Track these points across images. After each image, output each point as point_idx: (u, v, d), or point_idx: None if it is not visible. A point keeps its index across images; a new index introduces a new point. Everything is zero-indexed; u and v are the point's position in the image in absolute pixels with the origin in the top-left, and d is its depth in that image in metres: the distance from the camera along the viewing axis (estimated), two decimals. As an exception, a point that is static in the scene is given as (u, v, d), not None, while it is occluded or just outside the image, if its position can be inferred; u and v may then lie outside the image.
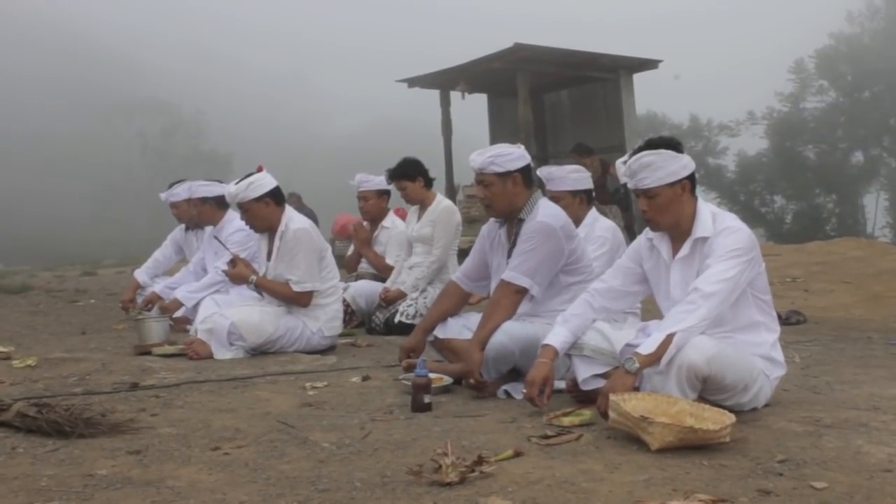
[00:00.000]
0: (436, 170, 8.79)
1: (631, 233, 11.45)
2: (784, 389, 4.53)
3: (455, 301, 5.30)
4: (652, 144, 4.22)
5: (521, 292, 4.75)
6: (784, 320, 7.04)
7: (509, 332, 4.65)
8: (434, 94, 18.31)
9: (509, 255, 4.93)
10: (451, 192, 17.44)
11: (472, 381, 4.68)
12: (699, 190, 4.38)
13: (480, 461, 3.20)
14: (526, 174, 4.97)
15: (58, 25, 60.68)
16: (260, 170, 6.50)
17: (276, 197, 6.40)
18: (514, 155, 4.95)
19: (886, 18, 45.34)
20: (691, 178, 4.22)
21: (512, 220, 4.99)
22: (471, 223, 14.43)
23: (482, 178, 4.95)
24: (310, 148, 54.28)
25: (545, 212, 4.87)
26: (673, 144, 4.22)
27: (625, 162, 4.23)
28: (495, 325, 4.68)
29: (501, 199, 4.93)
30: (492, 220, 5.21)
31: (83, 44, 60.99)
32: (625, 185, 4.42)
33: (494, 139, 18.74)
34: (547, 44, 16.49)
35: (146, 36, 67.78)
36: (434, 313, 5.30)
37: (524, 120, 16.31)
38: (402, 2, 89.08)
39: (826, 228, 42.10)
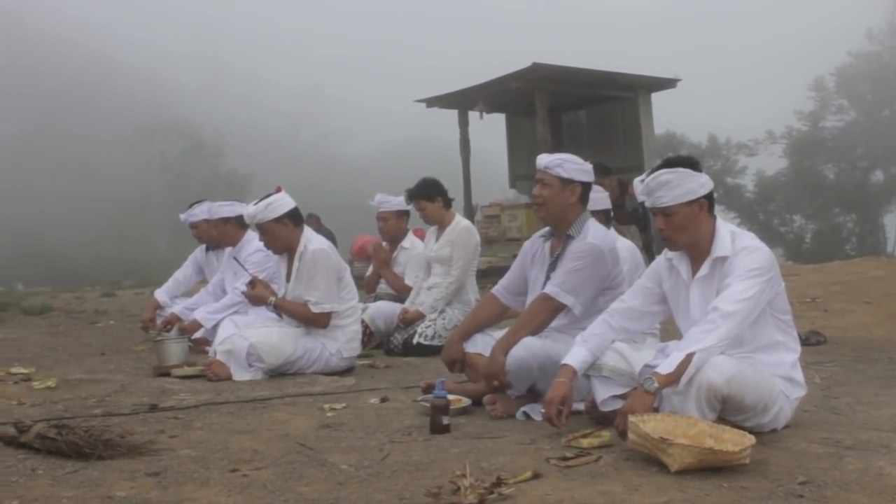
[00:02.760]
0: (454, 189, 8.80)
1: (649, 253, 11.41)
2: (804, 410, 4.50)
3: (492, 313, 5.29)
4: (670, 163, 4.22)
5: (560, 308, 4.75)
6: (804, 341, 7.00)
7: (530, 348, 4.63)
8: (452, 114, 18.32)
9: (550, 270, 4.93)
10: (470, 212, 17.41)
11: (495, 383, 4.67)
12: (718, 209, 4.37)
13: (499, 483, 3.20)
14: (585, 191, 4.99)
15: (80, 45, 61.10)
16: (278, 191, 6.52)
17: (294, 218, 6.41)
18: (583, 168, 4.98)
19: (906, 36, 45.28)
20: (709, 197, 4.21)
21: (560, 234, 4.98)
22: (489, 244, 14.42)
23: (543, 177, 4.96)
24: (328, 168, 54.43)
25: (595, 233, 4.88)
26: (691, 163, 4.22)
27: (642, 180, 4.23)
28: (525, 335, 4.68)
29: (554, 203, 4.93)
30: (536, 235, 5.22)
31: (105, 65, 61.40)
32: (643, 204, 4.40)
33: (512, 158, 18.79)
34: (565, 63, 16.50)
35: (167, 55, 68.25)
36: (471, 322, 5.29)
37: (542, 139, 16.28)
38: (422, 17, 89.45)
39: (846, 248, 41.88)
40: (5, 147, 50.32)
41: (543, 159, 4.98)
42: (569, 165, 4.93)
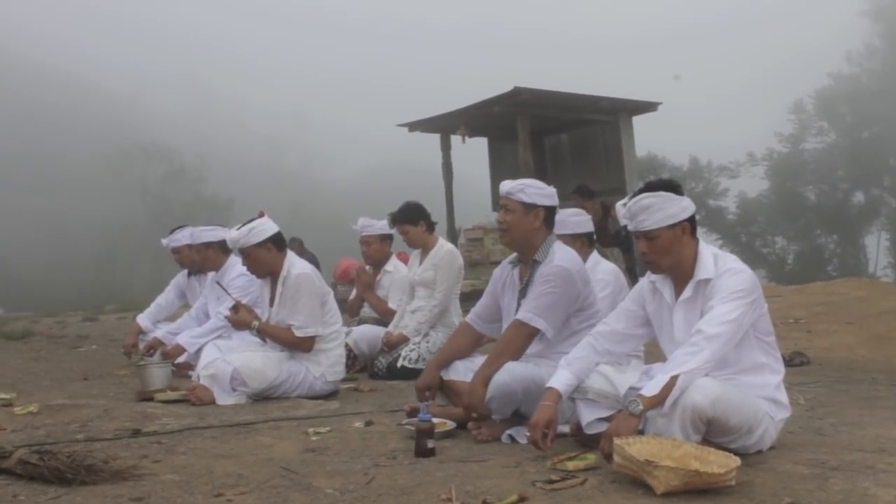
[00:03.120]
0: (437, 213, 8.81)
1: (633, 275, 11.44)
2: (789, 431, 4.52)
3: (468, 341, 5.30)
4: (651, 187, 4.24)
5: (534, 334, 4.75)
6: (788, 362, 7.03)
7: (513, 373, 4.63)
8: (434, 139, 18.38)
9: (521, 296, 4.94)
10: (453, 236, 17.44)
11: (474, 414, 4.67)
12: (700, 231, 4.39)
13: (485, 506, 3.19)
14: (549, 215, 4.99)
15: (60, 68, 61.06)
16: (261, 215, 6.52)
17: (277, 242, 6.41)
18: (545, 192, 4.99)
19: (884, 59, 45.55)
20: (691, 220, 4.23)
21: (526, 260, 4.99)
22: (473, 266, 14.45)
23: (506, 203, 4.97)
24: (312, 192, 54.41)
25: (562, 256, 4.88)
26: (672, 187, 4.24)
27: (625, 204, 4.25)
28: (503, 363, 4.67)
29: (518, 229, 4.94)
30: (504, 262, 5.22)
31: (87, 87, 61.36)
32: (626, 227, 4.42)
33: (495, 182, 18.79)
34: (547, 85, 16.58)
35: (149, 79, 68.22)
36: (447, 351, 5.30)
37: (524, 163, 16.34)
38: (404, 41, 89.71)
39: (828, 269, 42.10)
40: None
41: (505, 185, 5.00)
42: (531, 190, 4.94)
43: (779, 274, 42.86)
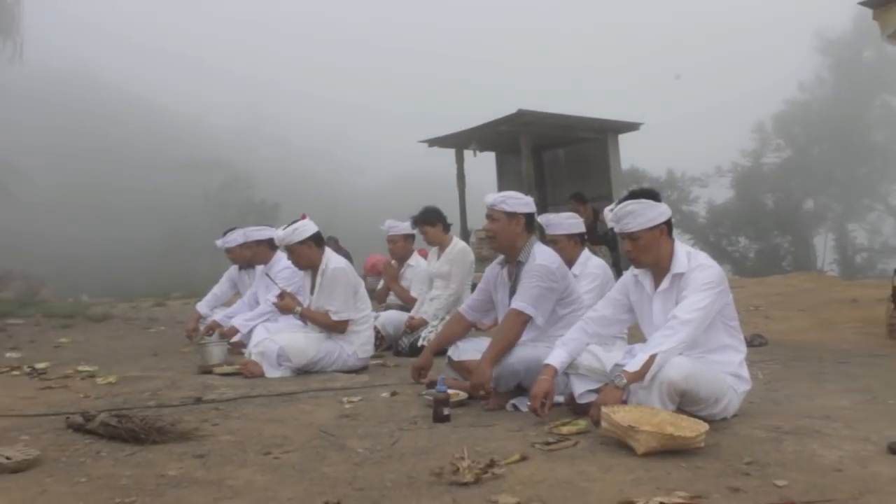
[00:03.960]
0: (452, 216, 8.80)
1: (618, 269, 11.39)
2: (750, 402, 4.49)
3: (461, 328, 5.29)
4: (634, 195, 4.24)
5: (527, 320, 4.73)
6: (749, 342, 6.97)
7: (515, 353, 4.65)
8: (450, 153, 18.37)
9: (511, 292, 4.93)
10: (465, 235, 17.45)
11: (482, 392, 4.67)
12: (676, 232, 4.38)
13: (492, 464, 3.19)
14: (529, 220, 4.97)
15: (139, 96, 61.40)
16: (303, 217, 6.53)
17: (317, 240, 6.43)
18: (523, 201, 4.97)
19: (831, 88, 45.43)
20: (668, 223, 4.23)
21: (512, 261, 4.99)
22: (482, 261, 14.36)
23: (491, 213, 4.97)
24: (346, 198, 54.46)
25: (542, 256, 4.86)
26: (652, 194, 4.24)
27: (612, 210, 4.25)
28: (504, 347, 4.66)
29: (503, 235, 4.93)
30: (494, 263, 5.21)
31: (159, 112, 61.68)
32: (612, 229, 4.41)
33: (501, 190, 18.75)
34: (546, 108, 16.55)
35: (210, 105, 68.40)
36: (442, 337, 5.31)
37: (527, 174, 16.35)
38: (423, 70, 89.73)
39: (783, 264, 41.94)
40: (76, 181, 50.50)
41: (489, 198, 5.00)
42: (511, 201, 4.94)
43: (742, 269, 42.70)
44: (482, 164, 19.04)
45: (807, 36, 47.17)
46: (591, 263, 6.48)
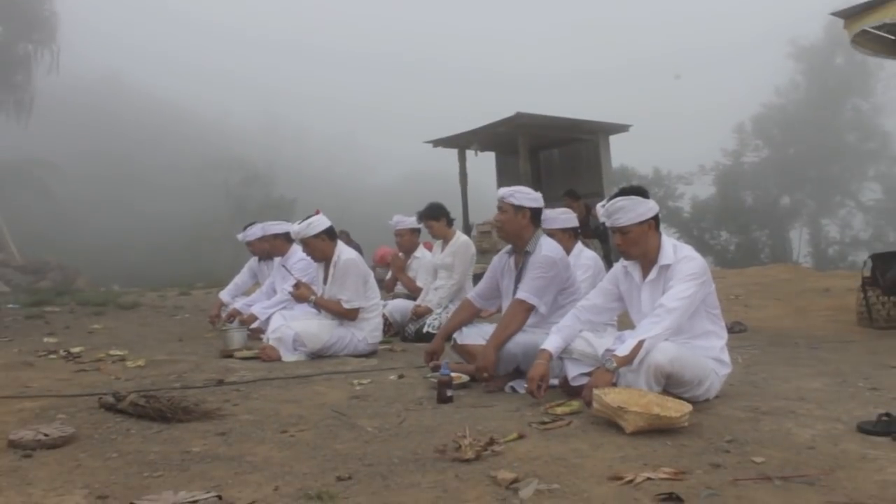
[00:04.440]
0: (455, 211, 8.80)
1: (608, 261, 11.37)
2: (730, 384, 4.49)
3: (468, 314, 5.27)
4: (624, 192, 4.23)
5: (531, 309, 4.73)
6: (729, 329, 6.97)
7: (514, 340, 4.65)
8: (453, 152, 18.35)
9: (517, 280, 4.92)
10: (467, 229, 17.41)
11: (485, 375, 4.66)
12: (662, 226, 4.37)
13: (492, 442, 3.19)
14: (535, 214, 4.96)
15: (166, 100, 61.38)
16: (317, 213, 6.54)
17: (330, 234, 6.43)
18: (531, 196, 4.96)
19: (805, 91, 45.29)
20: (656, 218, 4.22)
21: (519, 251, 4.98)
22: (483, 253, 14.36)
23: (501, 205, 4.97)
24: (357, 194, 54.38)
25: (548, 247, 4.86)
26: (641, 191, 4.24)
27: (603, 205, 4.24)
28: (510, 334, 4.66)
29: (510, 226, 4.94)
30: (502, 251, 5.20)
31: (185, 115, 61.63)
32: (604, 223, 4.40)
33: (501, 187, 18.72)
34: (542, 111, 16.51)
35: (232, 107, 68.27)
36: (451, 323, 5.28)
37: (524, 172, 16.32)
38: (428, 76, 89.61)
39: (761, 256, 41.87)
40: (109, 179, 50.52)
41: (500, 191, 5.00)
42: (519, 195, 4.93)
43: (723, 260, 42.61)
44: (483, 163, 19.00)
45: (782, 44, 47.03)
46: (584, 255, 6.47)
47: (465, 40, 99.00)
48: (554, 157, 18.77)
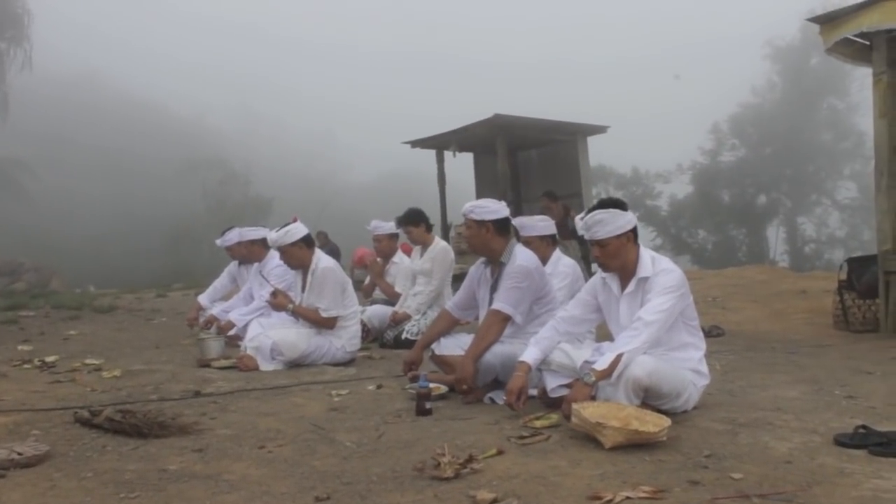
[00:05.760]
0: (433, 211, 8.81)
1: (587, 262, 11.41)
2: (708, 393, 4.50)
3: (447, 324, 5.26)
4: (603, 204, 4.24)
5: (507, 319, 4.73)
6: (707, 333, 7.02)
7: (493, 351, 4.64)
8: (431, 153, 18.33)
9: (493, 290, 4.92)
10: (445, 229, 17.41)
11: (464, 387, 4.65)
12: (640, 225, 4.38)
13: (471, 459, 3.18)
14: (500, 225, 4.93)
15: (141, 97, 60.90)
16: (294, 220, 6.51)
17: (307, 242, 6.41)
18: (490, 209, 4.93)
19: (782, 91, 45.51)
20: (634, 230, 4.23)
21: (494, 262, 4.97)
22: (461, 255, 14.36)
23: (466, 221, 5.01)
24: (335, 193, 54.06)
25: (522, 257, 4.85)
26: (620, 204, 4.24)
27: (582, 218, 4.24)
28: (487, 345, 4.65)
29: (476, 240, 4.95)
30: (479, 261, 5.19)
31: (161, 113, 61.15)
32: (582, 235, 4.40)
33: (479, 188, 18.76)
34: (520, 107, 16.55)
35: (209, 105, 67.79)
36: (431, 333, 5.27)
37: (502, 173, 16.32)
38: (405, 74, 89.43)
39: (738, 255, 42.16)
40: (85, 174, 50.10)
41: (463, 208, 4.99)
42: (479, 210, 4.92)
43: (700, 259, 42.88)
44: (461, 163, 19.00)
45: (758, 45, 47.28)
46: (562, 263, 6.48)
47: (447, 34, 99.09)
48: (532, 157, 18.78)
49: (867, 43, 8.17)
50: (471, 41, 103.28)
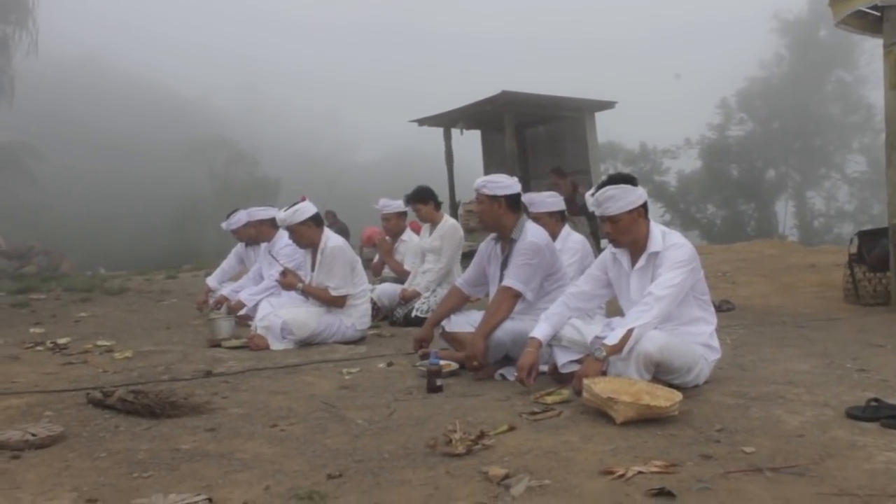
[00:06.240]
0: (441, 189, 8.79)
1: (596, 238, 11.41)
2: (719, 368, 4.49)
3: (457, 301, 5.26)
4: (613, 180, 4.21)
5: (518, 296, 4.72)
6: (717, 308, 6.99)
7: (503, 327, 4.64)
8: (439, 131, 18.28)
9: (503, 266, 4.91)
10: (454, 208, 17.41)
11: (475, 364, 4.65)
12: (649, 200, 4.36)
13: (482, 436, 3.18)
14: (511, 201, 4.93)
15: (147, 79, 60.80)
16: (303, 199, 6.49)
17: (316, 220, 6.39)
18: (503, 184, 4.92)
19: (790, 65, 45.19)
20: (645, 206, 4.21)
21: (504, 238, 4.96)
22: (469, 232, 14.36)
23: (477, 196, 4.97)
24: (342, 173, 54.00)
25: (533, 233, 4.84)
26: (630, 179, 4.22)
27: (592, 195, 4.22)
28: (497, 321, 4.65)
29: (487, 215, 4.93)
30: (489, 238, 5.18)
31: (167, 94, 61.06)
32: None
33: (487, 166, 18.76)
34: (528, 86, 16.49)
35: (215, 86, 67.64)
36: (441, 311, 5.28)
37: (510, 150, 16.30)
38: (413, 49, 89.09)
39: (747, 230, 42.03)
40: (92, 156, 50.12)
41: (476, 183, 4.97)
42: (491, 185, 4.90)
43: (709, 234, 42.80)
44: (469, 141, 18.96)
45: (766, 17, 46.90)
46: (572, 239, 6.45)
47: (451, 11, 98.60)
48: (540, 134, 18.72)
49: (878, 14, 8.08)
50: (478, 19, 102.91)
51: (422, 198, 7.94)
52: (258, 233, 8.19)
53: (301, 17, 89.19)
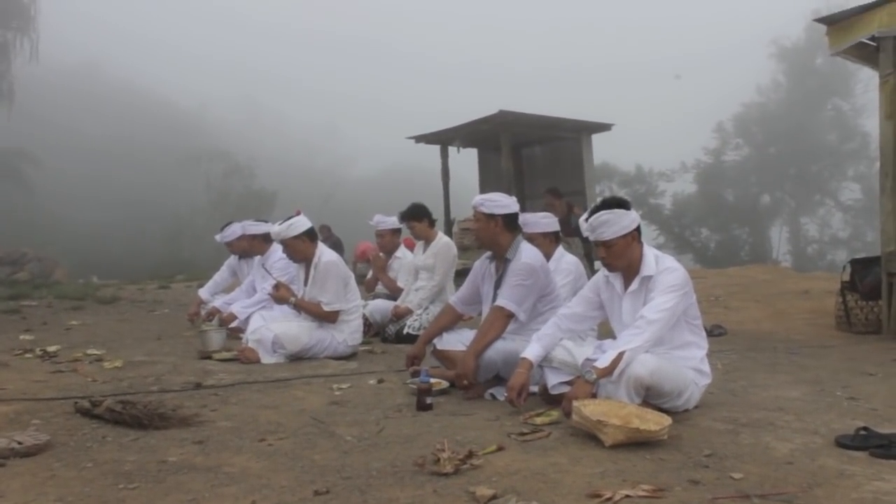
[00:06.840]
0: (436, 207, 8.80)
1: (590, 259, 11.40)
2: (709, 392, 4.49)
3: (450, 319, 5.25)
4: (607, 204, 4.22)
5: (510, 316, 4.72)
6: (709, 332, 7.00)
7: (495, 347, 4.64)
8: (435, 148, 18.31)
9: (497, 286, 4.91)
10: (448, 226, 17.40)
11: (465, 382, 4.65)
12: (644, 223, 4.36)
13: (471, 455, 3.17)
14: (508, 220, 4.93)
15: (145, 90, 60.88)
16: (298, 213, 6.50)
17: (310, 235, 6.40)
18: (501, 203, 4.93)
19: (787, 91, 45.44)
20: (638, 230, 4.21)
21: (500, 257, 4.96)
22: (464, 250, 14.36)
23: (475, 214, 4.97)
24: (338, 187, 54.00)
25: (528, 254, 4.85)
26: (623, 203, 4.22)
27: (586, 220, 4.22)
28: (489, 341, 4.65)
29: (484, 234, 4.94)
30: (483, 256, 5.18)
31: (164, 105, 61.11)
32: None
33: (483, 184, 18.74)
34: (525, 108, 16.50)
35: (213, 98, 67.76)
36: (434, 328, 5.26)
37: (506, 169, 16.30)
38: (411, 69, 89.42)
39: (741, 254, 42.10)
40: (88, 163, 50.14)
41: (474, 200, 4.99)
42: (489, 203, 4.91)
43: (703, 258, 42.79)
44: (465, 160, 18.94)
45: (763, 44, 47.18)
46: (565, 260, 6.45)
47: (451, 32, 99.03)
48: (536, 154, 18.74)
49: (874, 45, 8.13)
50: (477, 42, 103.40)
51: (416, 215, 7.95)
52: (251, 246, 8.20)
53: (301, 31, 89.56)
